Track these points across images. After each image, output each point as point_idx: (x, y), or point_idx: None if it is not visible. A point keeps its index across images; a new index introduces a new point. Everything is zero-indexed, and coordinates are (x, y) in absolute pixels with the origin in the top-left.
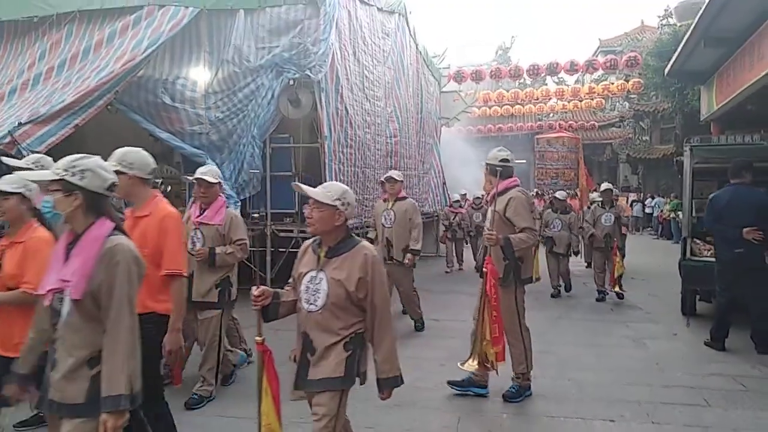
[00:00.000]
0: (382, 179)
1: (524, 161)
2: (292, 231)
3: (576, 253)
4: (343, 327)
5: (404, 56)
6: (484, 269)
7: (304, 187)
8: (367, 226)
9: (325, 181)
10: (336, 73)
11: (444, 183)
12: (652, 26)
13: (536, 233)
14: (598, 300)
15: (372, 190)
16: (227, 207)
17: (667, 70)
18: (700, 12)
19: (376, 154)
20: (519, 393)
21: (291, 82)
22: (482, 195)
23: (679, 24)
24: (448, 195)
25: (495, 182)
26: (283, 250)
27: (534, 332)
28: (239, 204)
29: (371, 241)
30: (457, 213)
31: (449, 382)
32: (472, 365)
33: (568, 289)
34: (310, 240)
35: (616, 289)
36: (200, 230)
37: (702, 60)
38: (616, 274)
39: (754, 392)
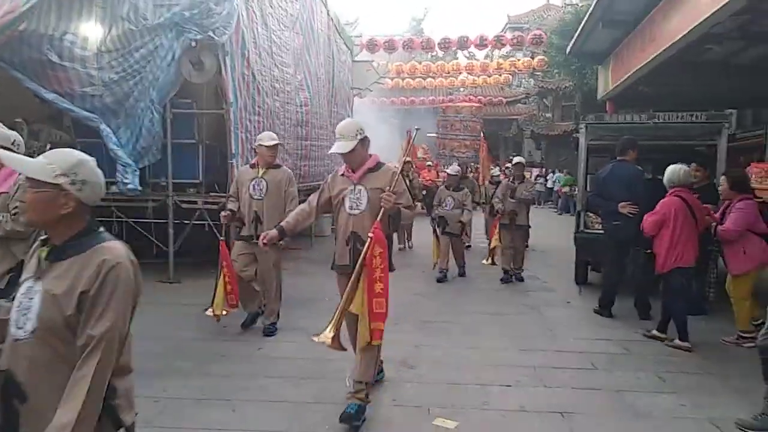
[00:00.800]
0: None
1: (435, 134)
2: (196, 202)
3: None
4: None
5: (314, 22)
6: (370, 234)
7: (3, 153)
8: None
9: (231, 150)
10: (242, 36)
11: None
12: (557, 5)
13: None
14: (502, 281)
15: (281, 161)
16: (126, 176)
17: (568, 49)
18: None
19: (286, 123)
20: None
21: (193, 44)
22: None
23: (581, 4)
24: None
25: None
26: (187, 222)
27: (441, 302)
28: (137, 172)
29: (232, 213)
30: None
31: None
32: (327, 336)
33: (462, 273)
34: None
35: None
36: None
37: (600, 41)
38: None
39: (636, 355)
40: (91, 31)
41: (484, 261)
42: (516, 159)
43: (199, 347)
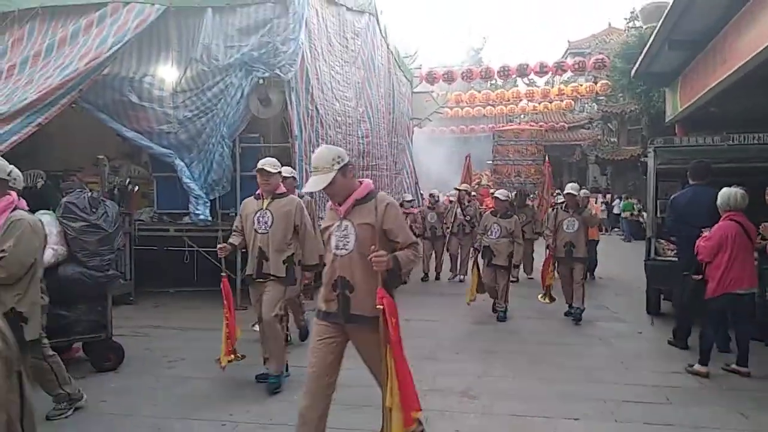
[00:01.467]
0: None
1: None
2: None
3: (516, 266)
4: None
5: (375, 56)
6: (379, 306)
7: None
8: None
9: (296, 182)
10: (306, 73)
11: (416, 182)
12: (619, 28)
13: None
14: (566, 314)
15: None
16: (197, 208)
17: (633, 72)
18: (664, 14)
19: (349, 155)
20: None
21: (261, 81)
22: (436, 193)
23: (644, 26)
24: (421, 194)
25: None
26: None
27: (506, 330)
28: (208, 204)
29: (233, 246)
30: (408, 213)
31: None
32: None
33: (502, 316)
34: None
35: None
36: None
37: (666, 62)
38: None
39: (712, 389)
40: (167, 73)
41: (540, 297)
42: (568, 188)
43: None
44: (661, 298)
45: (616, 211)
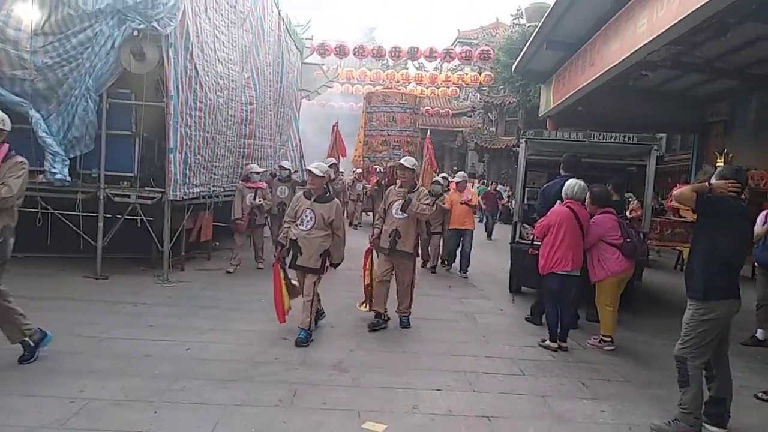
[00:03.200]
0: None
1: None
2: (129, 196)
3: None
4: None
5: (264, 21)
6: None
7: None
8: (216, 196)
9: (169, 144)
10: (186, 29)
11: (302, 156)
12: (505, 23)
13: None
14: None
15: (222, 158)
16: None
17: (514, 67)
18: (545, 15)
19: (229, 121)
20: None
21: (135, 33)
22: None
23: (527, 24)
24: (305, 167)
25: None
26: (119, 216)
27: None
28: (67, 162)
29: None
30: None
31: None
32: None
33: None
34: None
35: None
36: None
37: (544, 61)
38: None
39: (560, 362)
40: (26, 12)
41: (358, 305)
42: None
43: (124, 346)
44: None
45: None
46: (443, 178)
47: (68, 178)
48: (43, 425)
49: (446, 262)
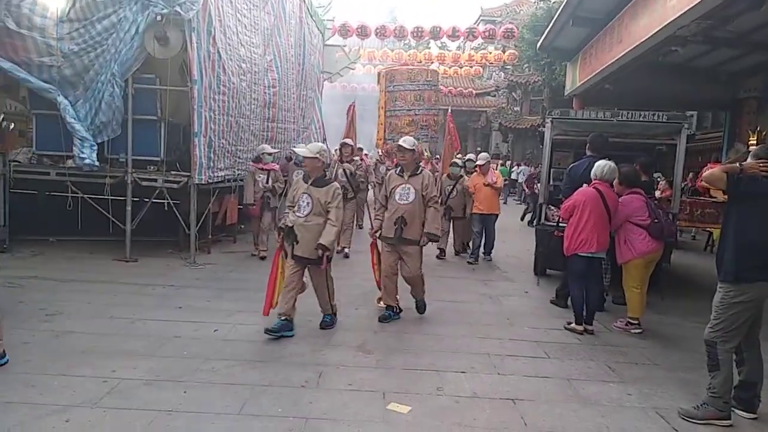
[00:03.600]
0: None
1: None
2: (155, 180)
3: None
4: None
5: (285, 3)
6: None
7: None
8: (241, 180)
9: (194, 128)
10: (209, 13)
11: (324, 139)
12: (529, 0)
13: None
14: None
15: (246, 141)
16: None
17: (538, 45)
18: None
19: (252, 104)
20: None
21: (158, 18)
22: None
23: (553, 1)
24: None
25: None
26: (146, 200)
27: (404, 288)
28: (95, 147)
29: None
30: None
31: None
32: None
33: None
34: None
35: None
36: None
37: (570, 38)
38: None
39: (586, 345)
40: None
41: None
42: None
43: (154, 327)
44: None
45: (514, 177)
46: (468, 160)
47: (97, 163)
48: (77, 404)
49: (469, 247)
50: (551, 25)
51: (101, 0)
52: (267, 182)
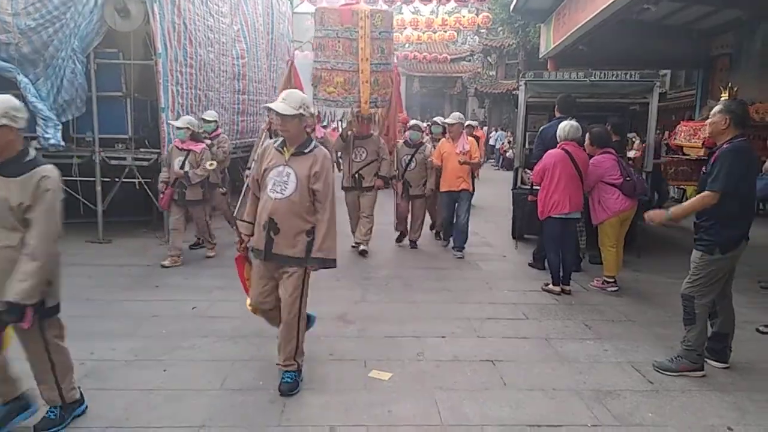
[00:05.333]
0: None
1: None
2: (125, 158)
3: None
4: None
5: None
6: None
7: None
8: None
9: (161, 104)
10: None
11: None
12: None
13: None
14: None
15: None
16: (47, 131)
17: (512, 7)
18: None
19: (221, 76)
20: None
21: None
22: None
23: None
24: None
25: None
26: (117, 180)
27: (381, 259)
28: (60, 127)
29: None
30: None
31: None
32: None
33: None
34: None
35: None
36: None
37: None
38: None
39: (564, 305)
40: None
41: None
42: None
43: (131, 308)
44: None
45: (491, 142)
46: (434, 123)
47: (62, 143)
48: None
49: (440, 235)
50: None
51: None
52: (182, 166)
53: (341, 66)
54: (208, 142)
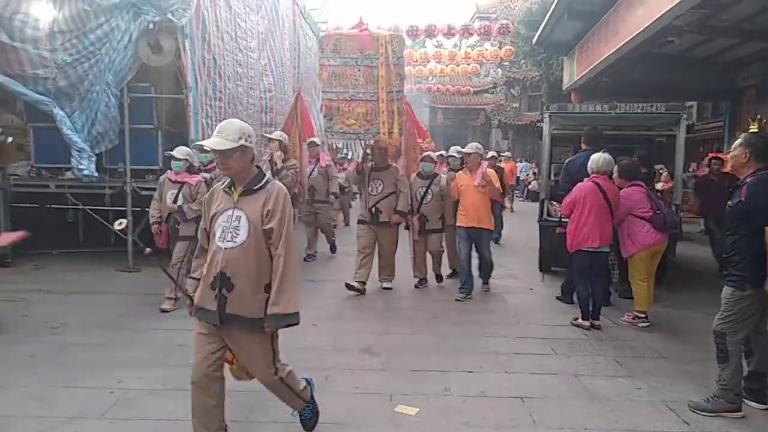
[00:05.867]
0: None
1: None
2: (155, 189)
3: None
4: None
5: (279, 6)
6: None
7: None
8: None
9: (191, 136)
10: (202, 19)
11: (323, 142)
12: None
13: None
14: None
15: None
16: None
17: (534, 40)
18: None
19: (249, 109)
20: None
21: (151, 26)
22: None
23: None
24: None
25: None
26: (147, 209)
27: (405, 290)
28: (93, 158)
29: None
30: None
31: None
32: None
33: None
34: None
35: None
36: None
37: (565, 31)
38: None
39: (594, 340)
40: (42, 11)
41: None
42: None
43: (158, 337)
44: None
45: (517, 174)
46: (450, 156)
47: (95, 174)
48: (84, 415)
49: (455, 271)
50: (546, 19)
51: (93, 10)
52: (175, 200)
53: (362, 96)
54: (206, 174)
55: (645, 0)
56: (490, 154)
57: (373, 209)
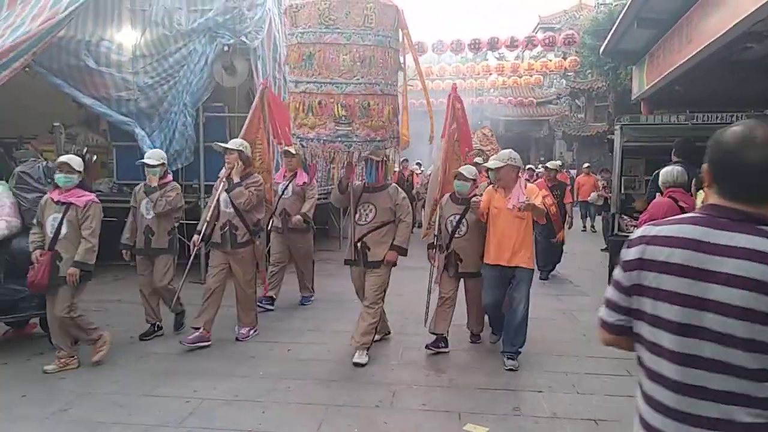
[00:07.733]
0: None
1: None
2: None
3: None
4: None
5: None
6: None
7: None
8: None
9: None
10: (274, 41)
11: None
12: (589, 5)
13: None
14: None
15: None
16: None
17: (601, 49)
18: None
19: None
20: None
21: (225, 49)
22: None
23: (614, 3)
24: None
25: None
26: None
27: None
28: (170, 175)
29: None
30: None
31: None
32: None
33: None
34: None
35: None
36: None
37: (635, 40)
38: None
39: None
40: (126, 37)
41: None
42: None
43: (230, 348)
44: None
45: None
46: (489, 169)
47: None
48: (163, 423)
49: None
50: (614, 28)
51: (172, 35)
52: (59, 227)
53: (391, 90)
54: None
55: (721, 5)
56: (554, 164)
57: (359, 244)
